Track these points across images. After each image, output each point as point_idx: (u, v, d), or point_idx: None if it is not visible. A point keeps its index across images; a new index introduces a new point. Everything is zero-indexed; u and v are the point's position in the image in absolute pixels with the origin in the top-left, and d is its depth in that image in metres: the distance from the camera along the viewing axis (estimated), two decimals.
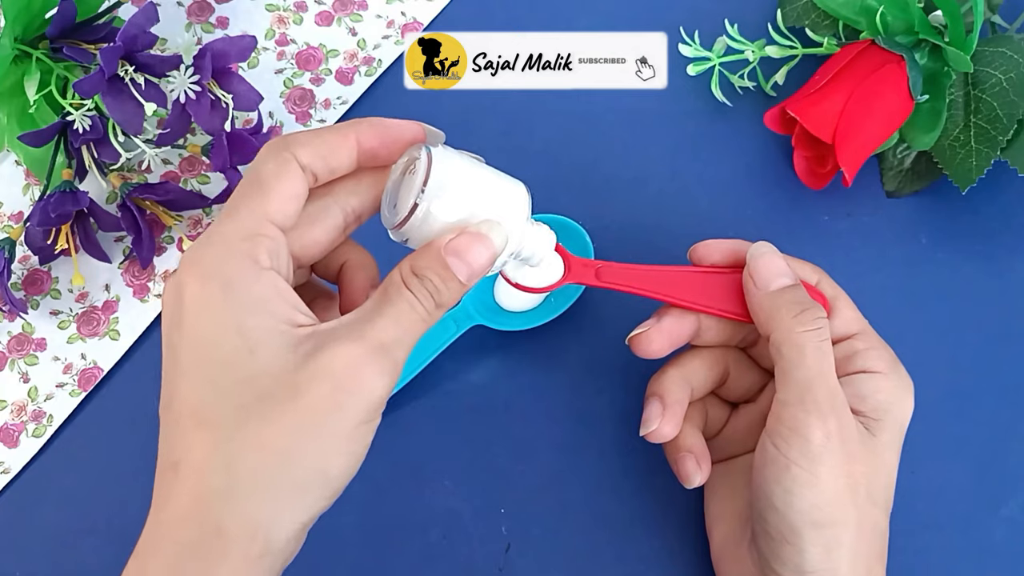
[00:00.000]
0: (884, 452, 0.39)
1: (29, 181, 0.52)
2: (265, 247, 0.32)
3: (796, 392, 0.37)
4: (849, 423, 0.38)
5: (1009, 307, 0.50)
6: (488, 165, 0.37)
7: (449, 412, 0.48)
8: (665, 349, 0.42)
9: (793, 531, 0.37)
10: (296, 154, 0.33)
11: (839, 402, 0.38)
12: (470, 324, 0.47)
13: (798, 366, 0.38)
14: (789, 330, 0.38)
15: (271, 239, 0.32)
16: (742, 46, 0.52)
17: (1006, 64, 0.47)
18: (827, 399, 0.37)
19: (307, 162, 0.34)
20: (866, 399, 0.39)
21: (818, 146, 0.50)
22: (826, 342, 0.38)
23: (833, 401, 0.37)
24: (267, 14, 0.56)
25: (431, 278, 0.33)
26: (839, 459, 0.37)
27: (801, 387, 0.37)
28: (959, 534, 0.46)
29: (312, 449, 0.31)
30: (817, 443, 0.37)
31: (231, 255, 0.32)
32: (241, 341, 0.31)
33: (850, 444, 0.37)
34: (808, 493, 0.37)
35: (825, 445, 0.37)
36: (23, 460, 0.47)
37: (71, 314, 0.49)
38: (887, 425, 0.39)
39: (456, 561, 0.46)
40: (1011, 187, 0.52)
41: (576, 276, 0.42)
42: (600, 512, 0.46)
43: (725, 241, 0.42)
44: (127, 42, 0.45)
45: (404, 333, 0.32)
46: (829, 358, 0.38)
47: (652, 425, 0.41)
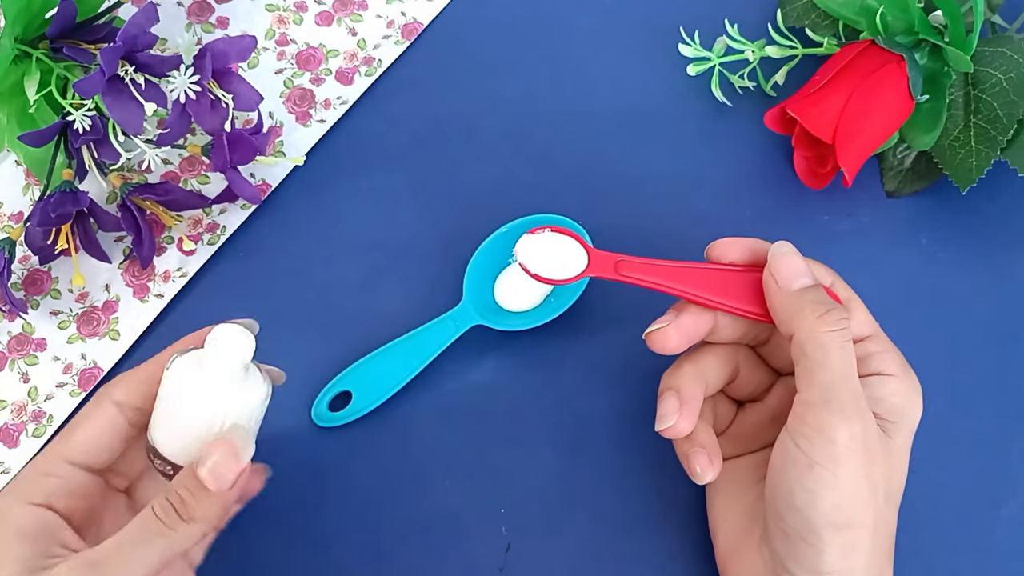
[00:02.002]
0: (899, 454, 0.39)
1: (29, 181, 0.52)
2: (48, 486, 0.36)
3: (821, 393, 0.37)
4: (871, 425, 0.38)
5: (1009, 307, 0.50)
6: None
7: (449, 412, 0.48)
8: (682, 345, 0.42)
9: (813, 531, 0.37)
10: (111, 394, 0.38)
11: (863, 404, 0.38)
12: (470, 324, 0.48)
13: (823, 367, 0.38)
14: (813, 330, 0.38)
15: (58, 477, 0.37)
16: (742, 46, 0.52)
17: (1006, 64, 0.47)
18: (852, 401, 0.37)
19: (121, 398, 0.38)
20: (881, 402, 0.39)
21: (818, 146, 0.50)
22: (849, 343, 0.38)
23: (857, 403, 0.37)
24: (267, 14, 0.56)
25: (177, 491, 0.35)
26: (861, 461, 0.37)
27: (826, 388, 0.37)
28: (959, 534, 0.46)
29: None
30: (842, 444, 0.37)
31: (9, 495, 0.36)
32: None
33: (871, 446, 0.37)
34: (831, 494, 0.36)
35: (849, 447, 0.37)
36: (23, 460, 0.47)
37: (71, 314, 0.49)
38: (901, 428, 0.39)
39: (456, 561, 0.46)
40: (1011, 187, 0.52)
41: (596, 269, 0.42)
42: (600, 512, 0.46)
43: (743, 239, 0.42)
44: (127, 42, 0.45)
45: (122, 547, 0.34)
46: (852, 359, 0.38)
47: (669, 421, 0.41)
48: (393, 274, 0.50)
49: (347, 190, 0.52)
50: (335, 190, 0.52)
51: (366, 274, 0.51)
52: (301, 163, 0.51)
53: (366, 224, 0.52)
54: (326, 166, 0.52)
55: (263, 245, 0.51)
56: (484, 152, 0.53)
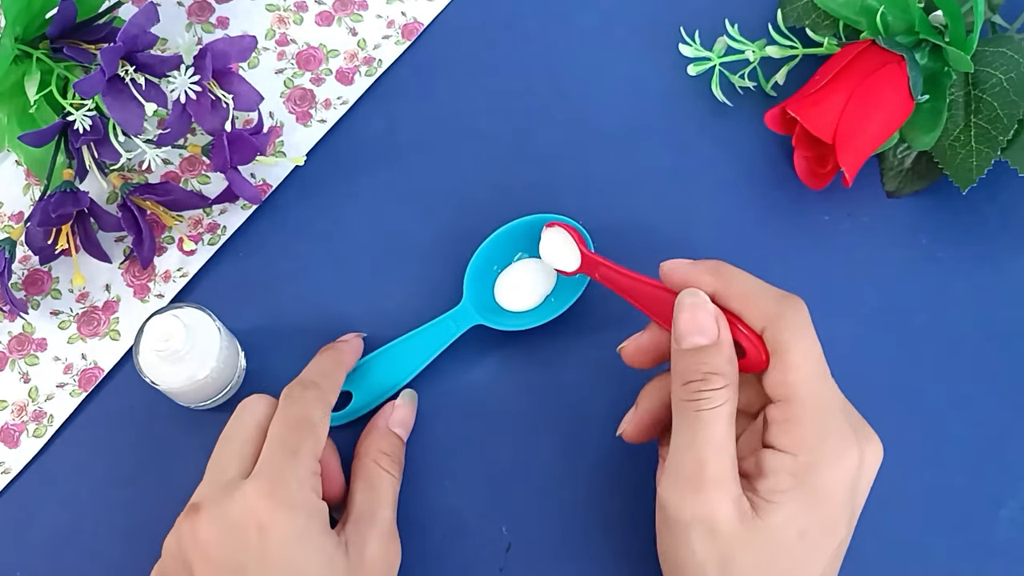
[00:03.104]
0: (773, 533, 0.37)
1: (29, 181, 0.52)
2: (317, 483, 0.40)
3: (673, 460, 0.38)
4: (719, 502, 0.36)
5: (1009, 307, 0.50)
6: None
7: (449, 412, 0.48)
8: (646, 363, 0.43)
9: None
10: (330, 400, 0.43)
11: (706, 477, 0.37)
12: (470, 324, 0.48)
13: (675, 432, 0.38)
14: (676, 396, 0.38)
15: (316, 475, 0.41)
16: (742, 46, 0.52)
17: (1006, 64, 0.47)
18: (691, 474, 0.37)
19: (332, 399, 0.44)
20: (763, 478, 0.37)
21: (818, 146, 0.50)
22: (706, 412, 0.37)
23: (699, 477, 0.37)
24: (267, 14, 0.56)
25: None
26: (706, 539, 0.37)
27: (674, 457, 0.38)
28: (959, 534, 0.46)
29: None
30: (683, 522, 0.37)
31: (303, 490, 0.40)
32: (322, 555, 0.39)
33: (719, 525, 0.36)
34: (689, 568, 0.37)
35: (689, 524, 0.37)
36: (23, 460, 0.47)
37: (71, 314, 0.50)
38: (783, 508, 0.37)
39: (456, 561, 0.46)
40: (1011, 187, 0.52)
41: (585, 268, 0.45)
42: (600, 512, 0.46)
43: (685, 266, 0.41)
44: (127, 42, 0.45)
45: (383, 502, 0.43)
46: (706, 431, 0.37)
47: (621, 427, 0.44)
48: (393, 274, 0.50)
49: (347, 190, 0.52)
50: (335, 190, 0.52)
51: (366, 274, 0.51)
52: (301, 163, 0.51)
53: (366, 224, 0.52)
54: (326, 166, 0.52)
55: (263, 245, 0.51)
56: (484, 152, 0.53)
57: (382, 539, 0.41)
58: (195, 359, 0.44)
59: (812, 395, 0.37)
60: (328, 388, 0.43)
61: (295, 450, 0.40)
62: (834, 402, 0.38)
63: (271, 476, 0.39)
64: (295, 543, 0.38)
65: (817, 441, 0.37)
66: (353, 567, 0.40)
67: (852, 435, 0.37)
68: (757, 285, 0.39)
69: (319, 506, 0.40)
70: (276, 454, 0.40)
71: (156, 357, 0.43)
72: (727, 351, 0.38)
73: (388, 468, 0.44)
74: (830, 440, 0.37)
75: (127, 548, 0.46)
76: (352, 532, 0.41)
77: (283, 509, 0.38)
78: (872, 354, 0.49)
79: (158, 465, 0.47)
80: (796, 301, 0.39)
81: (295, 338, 0.48)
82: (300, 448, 0.40)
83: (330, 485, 0.43)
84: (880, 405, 0.48)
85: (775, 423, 0.38)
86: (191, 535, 0.38)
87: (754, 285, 0.39)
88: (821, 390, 0.38)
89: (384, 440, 0.45)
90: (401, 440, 0.46)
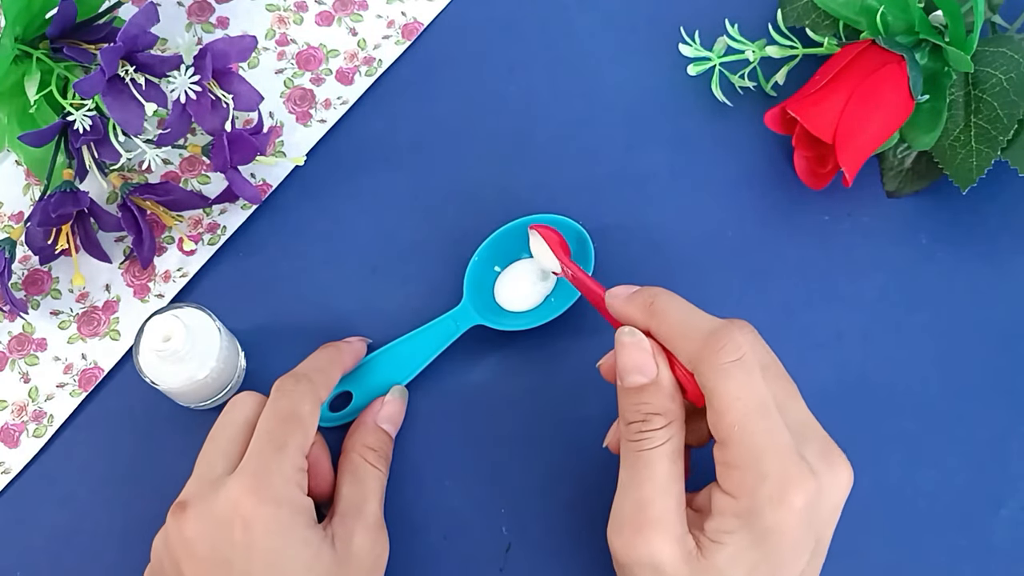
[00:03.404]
0: (720, 572, 0.36)
1: (29, 181, 0.52)
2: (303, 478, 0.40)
3: (617, 501, 0.38)
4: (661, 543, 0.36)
5: (1009, 307, 0.50)
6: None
7: (449, 412, 0.48)
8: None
9: None
10: (321, 396, 0.43)
11: (646, 518, 0.37)
12: (470, 324, 0.48)
13: (621, 471, 0.38)
14: (622, 435, 0.39)
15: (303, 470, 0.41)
16: (742, 46, 0.52)
17: (1006, 64, 0.47)
18: (632, 516, 0.37)
19: (324, 395, 0.43)
20: (710, 518, 0.37)
21: (818, 146, 0.50)
22: (647, 453, 0.37)
23: (639, 518, 0.37)
24: (267, 14, 0.56)
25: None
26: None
27: (618, 498, 0.38)
28: (959, 534, 0.46)
29: None
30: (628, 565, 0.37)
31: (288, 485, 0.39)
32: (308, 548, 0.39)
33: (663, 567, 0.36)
34: None
35: (634, 565, 0.37)
36: (23, 460, 0.47)
37: (71, 314, 0.50)
38: (727, 548, 0.36)
39: (456, 561, 0.46)
40: (1011, 187, 0.52)
41: (563, 271, 0.46)
42: (600, 512, 0.46)
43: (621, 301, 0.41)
44: (127, 42, 0.45)
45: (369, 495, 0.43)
46: (648, 470, 0.37)
47: (607, 439, 0.44)
48: (393, 274, 0.50)
49: (347, 190, 0.52)
50: (335, 190, 0.52)
51: (366, 274, 0.51)
52: (301, 163, 0.51)
53: (366, 224, 0.52)
54: (326, 166, 0.52)
55: (263, 245, 0.51)
56: (484, 152, 0.53)
57: (368, 532, 0.41)
58: (195, 359, 0.44)
59: (747, 438, 0.36)
60: (320, 383, 0.43)
61: (281, 445, 0.40)
62: (774, 440, 0.36)
63: (256, 471, 0.39)
64: (280, 538, 0.38)
65: (754, 485, 0.36)
66: (340, 561, 0.40)
67: (799, 471, 0.35)
68: (685, 322, 0.38)
69: (304, 501, 0.40)
70: (263, 449, 0.40)
71: (156, 357, 0.43)
72: (667, 388, 0.38)
73: (374, 463, 0.44)
74: (768, 483, 0.35)
75: (127, 548, 0.46)
76: (338, 526, 0.41)
77: (268, 504, 0.38)
78: (872, 354, 0.49)
79: (158, 465, 0.47)
80: (723, 336, 0.37)
81: (295, 338, 0.48)
82: (287, 443, 0.40)
83: (319, 481, 0.43)
84: (880, 405, 0.49)
85: (718, 464, 0.37)
86: (178, 533, 0.38)
87: (682, 322, 0.38)
88: (757, 431, 0.36)
89: (371, 435, 0.45)
90: (389, 436, 0.46)
